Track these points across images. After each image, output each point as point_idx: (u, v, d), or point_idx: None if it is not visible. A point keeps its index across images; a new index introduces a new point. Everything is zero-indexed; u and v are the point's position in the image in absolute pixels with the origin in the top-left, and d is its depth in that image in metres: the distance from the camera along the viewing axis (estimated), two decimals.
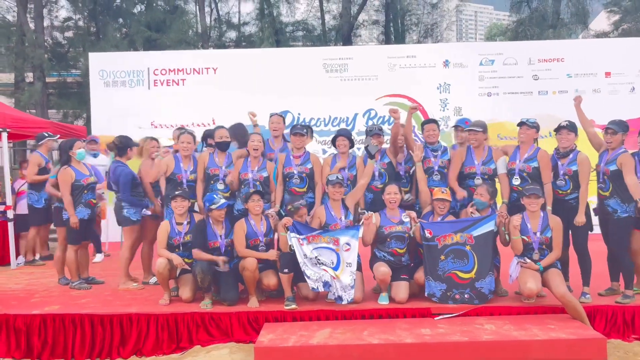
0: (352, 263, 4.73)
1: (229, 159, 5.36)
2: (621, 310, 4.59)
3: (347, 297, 4.71)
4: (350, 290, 4.71)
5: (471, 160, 5.08)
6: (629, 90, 8.95)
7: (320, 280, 4.69)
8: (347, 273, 4.71)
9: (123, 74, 9.21)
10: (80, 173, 5.57)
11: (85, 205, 5.57)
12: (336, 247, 4.72)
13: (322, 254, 4.70)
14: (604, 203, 4.77)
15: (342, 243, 4.74)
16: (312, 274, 4.69)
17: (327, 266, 4.70)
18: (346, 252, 4.73)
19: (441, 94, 9.11)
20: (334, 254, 4.72)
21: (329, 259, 4.70)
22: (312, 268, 4.69)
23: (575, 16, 18.84)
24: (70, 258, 5.59)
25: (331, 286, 4.69)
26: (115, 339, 4.62)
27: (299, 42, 20.46)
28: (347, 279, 4.71)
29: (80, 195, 5.53)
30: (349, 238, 4.76)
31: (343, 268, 4.71)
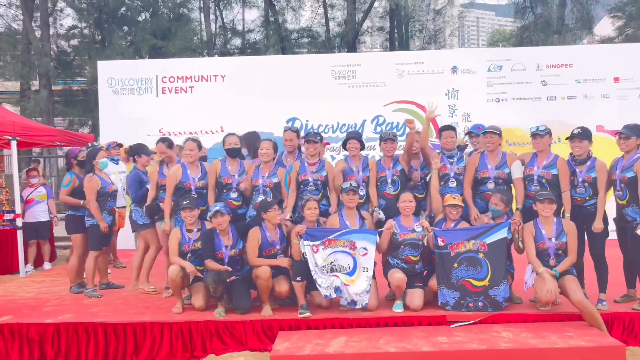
0: (368, 268, 4.71)
1: (241, 167, 5.34)
2: (638, 317, 4.54)
3: (361, 301, 4.68)
4: (365, 295, 4.68)
5: (484, 165, 5.05)
6: (638, 95, 8.92)
7: (332, 286, 4.65)
8: (363, 278, 4.68)
9: (131, 81, 9.23)
10: (104, 181, 5.70)
11: (109, 213, 5.73)
12: (353, 252, 4.70)
13: (339, 258, 4.68)
14: (621, 212, 4.73)
15: (359, 247, 4.71)
16: (323, 282, 4.65)
17: (341, 272, 4.66)
18: (363, 257, 4.71)
19: (449, 100, 9.10)
20: (350, 258, 4.69)
21: (346, 264, 4.68)
22: (323, 276, 4.66)
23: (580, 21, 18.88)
24: (91, 264, 5.70)
25: (342, 291, 4.66)
26: (129, 347, 4.59)
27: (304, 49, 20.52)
28: (363, 284, 4.68)
29: (104, 202, 5.66)
30: (366, 242, 4.73)
31: (359, 273, 4.68)
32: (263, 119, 8.83)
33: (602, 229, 4.69)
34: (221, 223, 4.85)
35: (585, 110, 8.72)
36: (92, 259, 5.68)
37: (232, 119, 9.00)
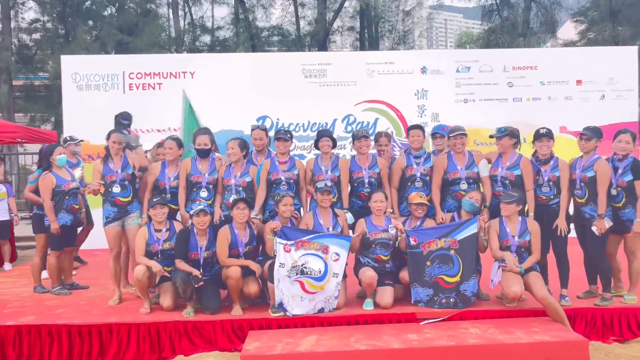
0: (338, 274, 4.71)
1: (212, 165, 5.27)
2: (600, 312, 4.69)
3: (329, 306, 4.70)
4: (333, 300, 4.70)
5: (454, 166, 5.12)
6: (599, 97, 9.20)
7: (280, 296, 4.59)
8: (332, 283, 4.68)
9: (97, 77, 8.99)
10: (61, 178, 5.47)
11: (67, 211, 5.47)
12: (325, 256, 4.68)
13: (310, 261, 4.65)
14: (580, 210, 4.87)
15: (332, 252, 4.70)
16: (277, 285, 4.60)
17: (311, 276, 4.63)
18: (334, 262, 4.70)
19: (419, 100, 9.20)
20: (322, 262, 4.67)
21: (317, 267, 4.65)
22: (283, 280, 4.60)
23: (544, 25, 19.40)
24: (52, 264, 5.52)
25: (286, 309, 4.58)
26: (94, 350, 4.48)
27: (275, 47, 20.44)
28: (333, 291, 4.69)
29: (62, 201, 5.43)
30: (339, 248, 4.72)
31: (329, 278, 4.67)
32: (233, 117, 8.75)
33: (566, 227, 4.82)
34: (204, 222, 4.79)
35: (549, 112, 8.96)
36: (53, 259, 5.51)
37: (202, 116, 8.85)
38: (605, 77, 9.19)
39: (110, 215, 5.24)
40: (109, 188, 5.24)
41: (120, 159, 5.31)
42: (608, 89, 9.20)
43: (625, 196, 4.78)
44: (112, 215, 5.24)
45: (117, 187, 5.21)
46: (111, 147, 5.29)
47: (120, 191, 5.22)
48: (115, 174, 5.23)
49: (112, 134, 5.36)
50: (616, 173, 4.79)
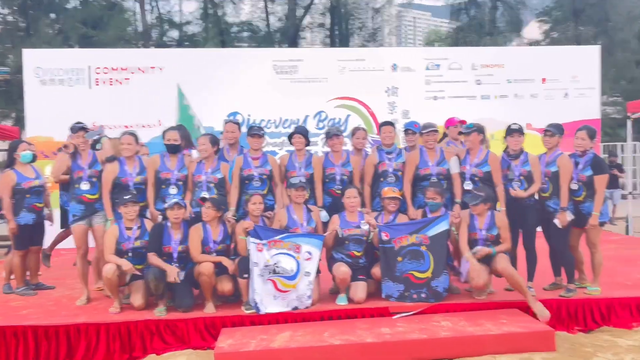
0: (310, 272, 4.71)
1: (181, 162, 5.20)
2: (565, 303, 4.83)
3: (303, 304, 4.71)
4: (307, 299, 4.71)
5: (425, 163, 5.18)
6: (562, 95, 9.47)
7: (253, 296, 4.58)
8: (304, 282, 4.69)
9: (61, 72, 8.74)
10: (22, 176, 5.29)
11: (29, 210, 5.30)
12: (297, 255, 4.68)
13: (282, 260, 4.64)
14: (544, 204, 5.00)
15: (304, 251, 4.70)
16: (250, 284, 4.60)
17: (283, 275, 4.62)
18: (306, 261, 4.71)
19: (389, 97, 9.27)
20: (294, 261, 4.67)
21: (289, 267, 4.64)
22: (256, 279, 4.59)
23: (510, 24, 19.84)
24: (16, 263, 5.38)
25: (259, 308, 4.57)
26: (62, 351, 4.37)
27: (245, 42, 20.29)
28: (305, 290, 4.70)
29: (22, 199, 5.25)
30: (311, 247, 4.73)
31: (301, 277, 4.68)
32: (204, 113, 8.66)
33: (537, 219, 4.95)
34: (178, 216, 4.73)
35: (515, 109, 9.15)
36: (17, 258, 5.36)
37: (171, 112, 8.75)
38: (568, 76, 9.44)
39: (77, 213, 5.09)
40: (76, 184, 5.08)
41: (88, 155, 5.17)
42: (571, 87, 9.46)
43: (585, 190, 4.94)
44: (79, 213, 5.09)
45: (86, 184, 5.06)
46: (77, 143, 5.13)
47: (89, 188, 5.08)
48: (83, 170, 5.08)
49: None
50: (577, 168, 4.95)
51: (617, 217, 11.38)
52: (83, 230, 5.13)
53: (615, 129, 20.34)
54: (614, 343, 4.32)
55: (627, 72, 21.18)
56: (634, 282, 5.40)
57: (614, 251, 7.10)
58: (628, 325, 4.70)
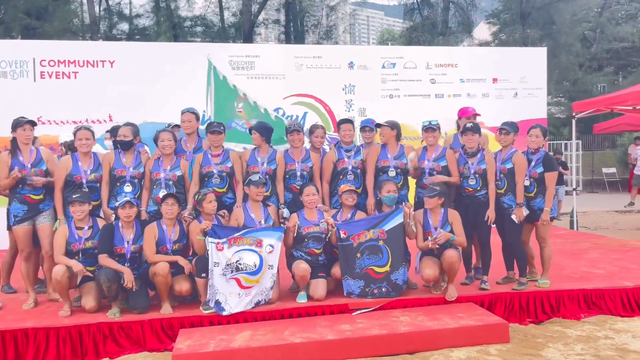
0: (273, 265, 4.69)
1: (137, 159, 5.03)
2: (517, 296, 4.99)
3: (265, 298, 4.67)
4: (269, 291, 4.68)
5: (385, 155, 5.25)
6: (512, 95, 9.80)
7: (215, 296, 4.52)
8: (268, 275, 4.66)
9: (4, 63, 8.28)
10: None
11: None
12: (259, 250, 4.63)
13: (244, 257, 4.58)
14: (499, 200, 5.13)
15: (266, 245, 4.66)
16: (211, 285, 4.51)
17: (246, 272, 4.57)
18: (269, 254, 4.67)
19: (346, 95, 9.31)
20: (256, 256, 4.62)
21: (252, 262, 4.59)
22: (217, 278, 4.52)
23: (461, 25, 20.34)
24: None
25: (224, 308, 4.51)
26: (9, 357, 4.15)
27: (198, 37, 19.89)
28: (268, 282, 4.66)
29: None
30: (272, 240, 4.70)
31: (265, 270, 4.64)
32: (156, 109, 8.41)
33: (494, 217, 5.09)
34: (130, 214, 4.57)
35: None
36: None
37: (122, 107, 8.45)
38: (518, 76, 9.78)
39: (20, 213, 4.81)
40: (19, 184, 4.80)
41: (31, 152, 4.90)
42: (520, 87, 9.80)
43: (536, 187, 5.13)
44: (21, 213, 4.81)
45: (31, 183, 4.80)
46: (20, 138, 4.83)
47: (32, 188, 4.82)
48: (26, 169, 4.80)
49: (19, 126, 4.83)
50: (529, 165, 5.13)
51: (562, 212, 11.91)
52: (26, 231, 4.85)
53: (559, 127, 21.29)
54: (564, 333, 4.51)
55: (570, 74, 22.19)
56: (581, 275, 5.65)
57: (560, 245, 7.41)
58: (576, 317, 4.91)
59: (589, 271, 5.84)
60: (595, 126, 15.27)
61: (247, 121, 6.28)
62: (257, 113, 6.29)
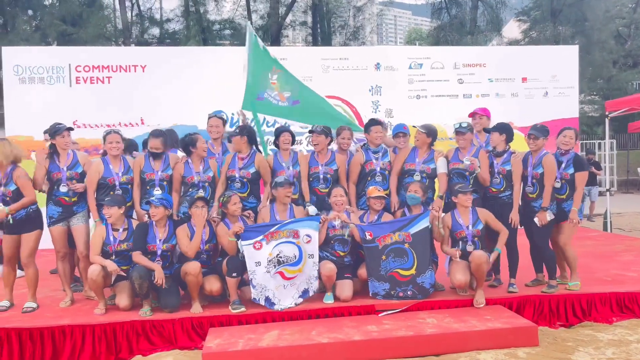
0: (314, 254, 4.79)
1: (165, 162, 5.16)
2: (547, 299, 4.93)
3: (312, 288, 4.79)
4: (315, 280, 4.79)
5: (413, 158, 5.25)
6: (542, 94, 9.63)
7: (263, 294, 4.64)
8: (310, 264, 4.77)
9: (41, 69, 8.60)
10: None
11: None
12: (297, 240, 4.73)
13: (284, 249, 4.69)
14: (530, 203, 5.06)
15: (303, 235, 4.75)
16: (258, 284, 4.63)
17: (288, 264, 4.68)
18: (307, 244, 4.76)
19: (373, 96, 9.33)
20: (295, 247, 4.72)
21: (292, 253, 4.70)
22: (262, 277, 4.62)
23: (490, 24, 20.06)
24: None
25: (273, 304, 4.65)
26: (47, 353, 4.32)
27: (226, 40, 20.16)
28: (312, 271, 4.77)
29: None
30: (308, 230, 4.78)
31: (305, 260, 4.74)
32: (186, 112, 8.59)
33: (518, 219, 5.03)
34: (155, 214, 4.71)
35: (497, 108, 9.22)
36: None
37: (153, 111, 8.68)
38: (548, 75, 9.61)
39: (55, 215, 4.98)
40: (55, 186, 4.98)
41: (67, 156, 5.07)
42: (551, 86, 9.64)
43: (568, 188, 5.05)
44: (56, 215, 4.98)
45: (64, 187, 4.98)
46: (59, 145, 5.01)
47: (67, 191, 4.98)
48: (61, 171, 4.98)
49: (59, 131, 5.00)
50: (560, 167, 5.05)
51: (595, 213, 11.65)
52: (62, 232, 5.02)
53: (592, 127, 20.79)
54: (595, 337, 4.43)
55: (604, 72, 21.63)
56: (613, 278, 5.54)
57: (592, 247, 7.26)
58: (608, 320, 4.82)
59: (621, 274, 5.72)
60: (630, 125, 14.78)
61: (280, 93, 6.24)
62: (291, 86, 6.25)
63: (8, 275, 4.99)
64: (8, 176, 4.77)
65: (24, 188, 4.80)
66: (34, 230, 4.87)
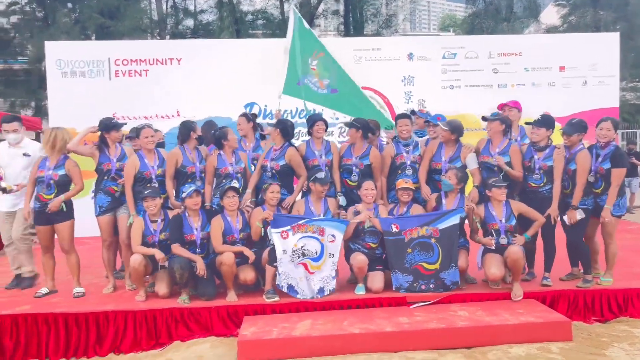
0: (334, 254, 4.86)
1: (199, 154, 5.31)
2: (582, 293, 4.87)
3: (328, 287, 4.84)
4: (332, 280, 4.85)
5: (439, 157, 5.24)
6: (581, 83, 9.38)
7: (286, 282, 4.76)
8: (329, 263, 4.84)
9: (82, 63, 8.89)
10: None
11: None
12: (321, 238, 4.82)
13: (308, 243, 4.79)
14: (565, 199, 4.98)
15: (327, 234, 4.84)
16: (283, 271, 4.75)
17: (309, 257, 4.78)
18: (330, 243, 4.84)
19: (405, 87, 9.28)
20: (318, 243, 4.81)
21: (314, 249, 4.80)
22: (287, 265, 4.74)
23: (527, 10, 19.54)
24: None
25: (295, 291, 4.76)
26: (92, 337, 4.55)
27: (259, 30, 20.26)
28: (330, 271, 4.84)
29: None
30: (334, 230, 4.86)
31: (325, 259, 4.82)
32: (220, 104, 8.74)
33: (558, 214, 4.94)
34: (197, 203, 4.88)
35: (533, 98, 9.07)
36: None
37: (189, 103, 8.86)
38: (587, 63, 9.35)
39: (104, 204, 5.21)
40: (104, 177, 5.21)
41: (117, 148, 5.27)
42: (590, 75, 9.37)
43: (604, 183, 4.92)
44: (105, 204, 5.21)
45: (113, 177, 5.18)
46: (113, 138, 5.23)
47: (116, 181, 5.19)
48: (111, 162, 5.19)
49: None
50: (597, 160, 4.93)
51: (635, 205, 11.32)
52: (109, 221, 5.25)
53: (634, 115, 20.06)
54: (631, 333, 4.38)
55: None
56: None
57: (631, 241, 7.09)
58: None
59: None
60: None
61: (320, 80, 6.22)
62: (330, 72, 6.22)
63: (47, 263, 5.26)
64: (60, 162, 5.06)
65: (75, 176, 5.09)
66: (66, 221, 5.12)
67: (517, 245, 4.76)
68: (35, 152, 5.49)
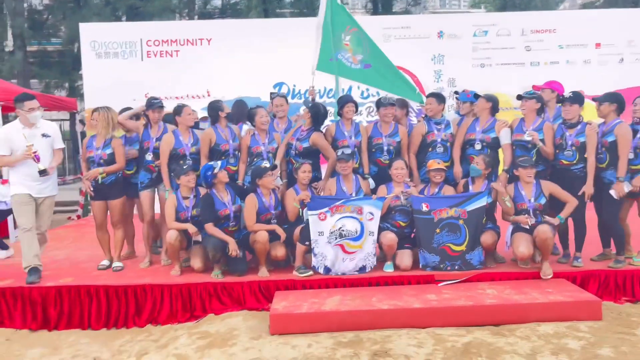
0: (374, 232, 4.95)
1: (232, 132, 5.41)
2: (613, 274, 4.84)
3: (370, 264, 4.94)
4: (373, 257, 4.95)
5: (473, 128, 5.26)
6: (618, 61, 9.12)
7: (323, 263, 4.87)
8: (370, 241, 4.93)
9: (115, 45, 9.08)
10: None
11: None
12: (360, 217, 4.90)
13: (347, 223, 4.87)
14: (599, 175, 4.90)
15: (366, 212, 4.91)
16: (320, 252, 4.85)
17: (349, 238, 4.86)
18: (369, 222, 4.92)
19: (435, 65, 9.19)
20: (357, 222, 4.89)
21: (353, 228, 4.88)
22: (324, 246, 4.84)
23: None
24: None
25: (330, 271, 4.87)
26: (131, 309, 4.75)
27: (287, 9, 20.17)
28: (371, 248, 4.94)
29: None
30: (372, 208, 4.93)
31: (366, 237, 4.91)
32: (250, 84, 8.82)
33: (592, 193, 4.87)
34: (225, 177, 5.01)
35: (567, 76, 8.80)
36: None
37: (219, 83, 8.97)
38: (624, 40, 9.07)
39: (145, 181, 5.41)
40: (145, 155, 5.39)
41: (159, 128, 5.42)
42: (627, 52, 9.10)
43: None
44: (146, 181, 5.41)
45: (150, 155, 5.36)
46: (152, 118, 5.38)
47: (152, 158, 5.36)
48: (150, 141, 5.37)
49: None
50: (635, 137, 4.85)
51: None
52: (150, 197, 5.45)
53: None
54: None
55: None
56: None
57: None
58: None
59: None
60: None
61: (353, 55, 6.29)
62: (362, 47, 6.26)
63: (103, 238, 5.49)
64: (107, 142, 5.25)
65: (118, 155, 5.27)
66: (119, 197, 5.33)
67: (546, 224, 4.74)
68: (55, 133, 5.14)
